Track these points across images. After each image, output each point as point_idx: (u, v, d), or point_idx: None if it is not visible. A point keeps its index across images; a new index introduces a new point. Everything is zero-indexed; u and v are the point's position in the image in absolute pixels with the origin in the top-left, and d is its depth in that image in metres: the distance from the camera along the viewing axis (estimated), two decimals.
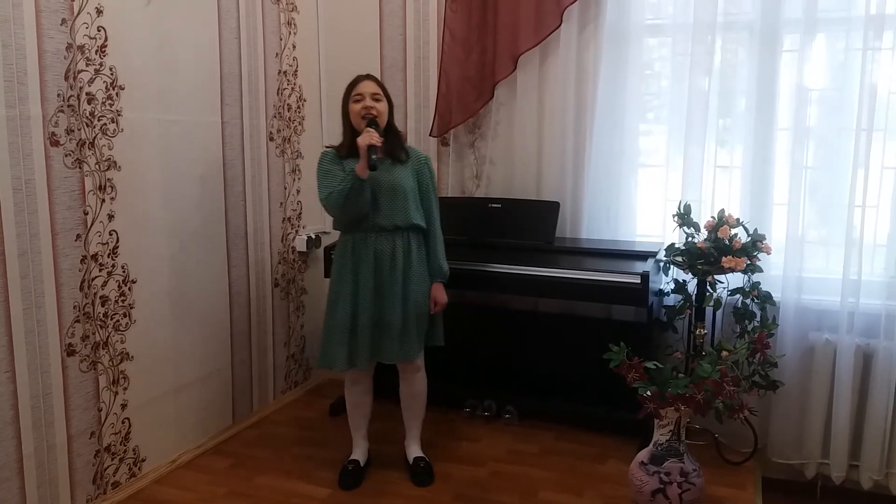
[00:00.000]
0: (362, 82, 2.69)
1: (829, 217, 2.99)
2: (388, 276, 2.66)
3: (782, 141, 3.01)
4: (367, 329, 2.65)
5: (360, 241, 2.67)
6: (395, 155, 2.70)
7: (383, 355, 2.69)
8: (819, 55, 2.96)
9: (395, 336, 2.66)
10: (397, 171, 2.69)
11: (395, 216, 2.66)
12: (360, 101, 2.65)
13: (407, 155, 2.74)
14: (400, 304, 2.66)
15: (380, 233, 2.66)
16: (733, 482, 2.79)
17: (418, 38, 3.58)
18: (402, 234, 2.68)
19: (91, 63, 2.47)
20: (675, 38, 3.18)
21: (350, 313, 2.66)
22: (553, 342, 3.33)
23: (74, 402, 2.50)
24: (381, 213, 2.65)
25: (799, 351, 2.99)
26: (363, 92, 2.66)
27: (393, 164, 2.69)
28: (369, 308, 2.65)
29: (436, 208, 2.79)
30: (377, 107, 2.65)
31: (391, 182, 2.66)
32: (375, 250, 2.66)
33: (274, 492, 2.73)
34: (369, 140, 2.50)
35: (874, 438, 2.90)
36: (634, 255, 3.04)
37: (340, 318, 2.67)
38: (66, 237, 2.43)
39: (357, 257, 2.67)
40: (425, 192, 2.76)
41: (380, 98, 2.68)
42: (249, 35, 3.26)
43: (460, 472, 2.87)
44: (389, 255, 2.66)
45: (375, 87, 2.68)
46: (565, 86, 3.27)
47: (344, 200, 2.57)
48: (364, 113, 2.63)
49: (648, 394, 2.41)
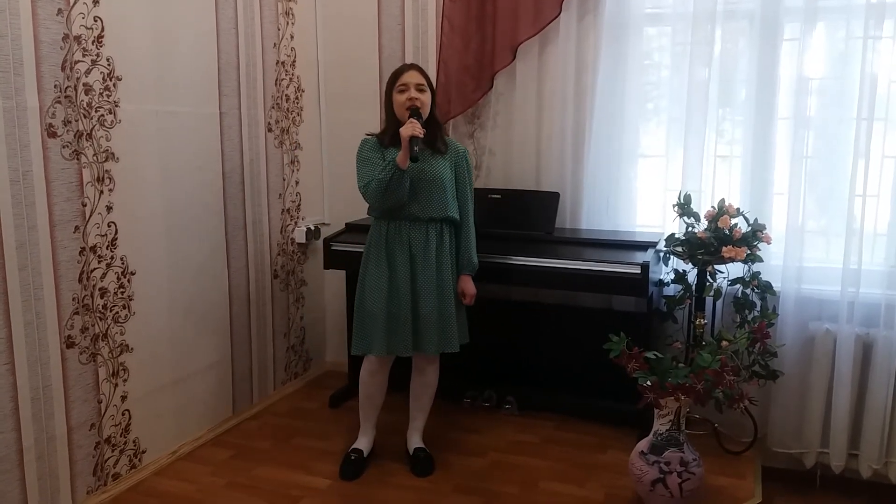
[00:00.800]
0: (407, 72, 2.67)
1: (830, 207, 2.99)
2: (421, 266, 2.66)
3: (782, 130, 3.00)
4: (408, 320, 2.65)
5: (394, 230, 2.68)
6: (436, 146, 2.70)
7: (423, 346, 2.68)
8: (819, 44, 2.94)
9: (434, 328, 2.66)
10: (437, 163, 2.69)
11: (432, 207, 2.66)
12: (404, 92, 2.64)
13: (446, 147, 2.74)
14: (434, 295, 2.66)
15: (414, 223, 2.66)
16: (733, 471, 2.80)
17: (417, 28, 3.56)
18: (436, 225, 2.68)
19: (88, 53, 2.46)
20: (675, 27, 3.16)
21: (386, 302, 2.65)
22: (553, 332, 3.33)
23: (74, 394, 2.50)
24: (418, 204, 2.65)
25: (799, 341, 2.99)
26: (408, 82, 2.65)
27: (433, 156, 2.69)
28: (408, 299, 2.65)
29: (471, 201, 2.81)
30: (421, 98, 2.64)
31: (430, 173, 2.66)
32: (410, 240, 2.66)
33: (274, 483, 2.73)
34: (412, 131, 2.50)
35: (873, 428, 2.91)
36: (634, 246, 3.03)
37: (377, 306, 2.65)
38: (64, 229, 2.42)
39: (392, 246, 2.67)
40: (462, 184, 2.77)
41: (424, 89, 2.67)
42: (247, 25, 3.24)
43: (461, 462, 2.87)
44: (423, 246, 2.66)
45: (420, 78, 2.67)
46: (565, 76, 3.26)
47: (384, 190, 2.56)
48: (408, 104, 2.61)
49: (648, 384, 2.41)
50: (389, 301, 2.66)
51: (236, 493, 2.66)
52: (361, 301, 2.71)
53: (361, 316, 2.71)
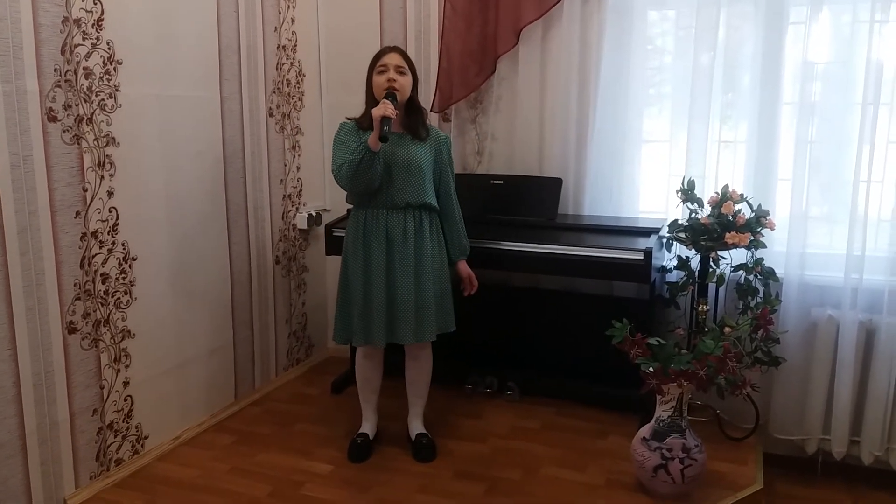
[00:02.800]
0: (388, 54, 2.65)
1: (834, 192, 2.97)
2: (399, 254, 2.64)
3: (787, 116, 2.98)
4: (382, 307, 2.63)
5: (371, 218, 2.66)
6: (416, 131, 2.68)
7: (398, 335, 2.67)
8: (825, 28, 2.91)
9: (411, 317, 2.64)
10: (415, 148, 2.66)
11: (409, 193, 2.63)
12: (384, 73, 2.62)
13: (427, 133, 2.71)
14: (413, 282, 2.64)
15: (392, 209, 2.64)
16: (735, 458, 2.79)
17: (419, 11, 3.53)
18: (414, 212, 2.66)
19: (88, 37, 2.43)
20: (680, 11, 3.14)
21: (363, 290, 2.65)
22: (555, 318, 3.32)
23: (76, 380, 2.50)
24: (394, 189, 2.63)
25: (802, 327, 2.99)
26: (388, 63, 2.62)
27: (412, 141, 2.67)
28: (383, 286, 2.63)
29: (453, 188, 2.79)
30: (400, 80, 2.61)
31: (407, 158, 2.63)
32: (387, 227, 2.64)
33: (277, 468, 2.74)
34: (383, 111, 2.47)
35: (875, 414, 2.91)
36: (637, 232, 3.02)
37: (354, 295, 2.66)
38: (65, 214, 2.41)
39: (368, 233, 2.66)
40: (443, 171, 2.75)
41: (404, 72, 2.64)
42: (248, 8, 3.21)
43: (462, 448, 2.87)
44: (401, 233, 2.64)
45: (400, 60, 2.65)
46: (568, 60, 3.23)
47: (354, 172, 2.53)
48: (387, 85, 2.59)
49: (651, 370, 2.41)
50: (366, 290, 2.65)
51: (239, 479, 2.67)
52: (341, 290, 2.72)
53: (341, 305, 2.73)
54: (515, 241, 3.02)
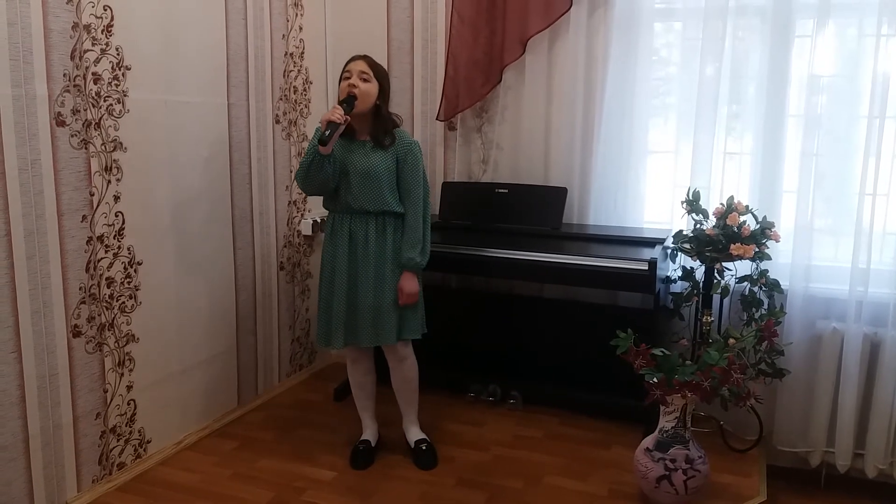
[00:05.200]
0: (354, 61, 2.68)
1: (839, 205, 2.97)
2: (360, 259, 2.68)
3: (792, 128, 2.98)
4: (342, 310, 2.68)
5: (339, 222, 2.71)
6: (378, 139, 2.68)
7: (359, 338, 2.70)
8: (831, 41, 2.92)
9: (370, 320, 2.67)
10: (375, 156, 2.67)
11: (366, 200, 2.66)
12: (347, 79, 2.65)
13: (392, 140, 2.70)
14: (372, 288, 2.66)
15: (354, 215, 2.69)
16: (738, 469, 2.79)
17: (426, 20, 3.55)
18: (375, 218, 2.68)
19: (97, 42, 2.45)
20: (686, 22, 3.15)
21: (328, 292, 2.72)
22: (558, 328, 3.32)
23: (80, 384, 2.51)
24: (352, 196, 2.66)
25: (806, 339, 2.98)
26: (351, 69, 2.65)
27: (374, 149, 2.68)
28: (344, 289, 2.68)
29: (415, 195, 2.69)
30: (361, 86, 2.62)
31: (365, 166, 2.65)
32: (350, 232, 2.69)
33: (278, 474, 2.74)
34: (329, 116, 2.51)
35: (880, 427, 2.90)
36: (642, 242, 3.02)
37: (324, 298, 2.73)
38: (72, 218, 2.42)
39: (335, 237, 2.71)
40: (404, 177, 2.70)
41: (368, 78, 2.65)
42: (256, 16, 3.23)
43: (464, 456, 2.87)
44: (363, 239, 2.67)
45: (365, 67, 2.66)
46: (574, 70, 3.24)
47: (305, 173, 2.61)
48: (348, 90, 2.61)
49: (655, 380, 2.40)
50: (329, 292, 2.71)
51: (240, 484, 2.67)
52: (319, 294, 2.77)
53: (319, 308, 2.77)
54: (520, 249, 3.02)
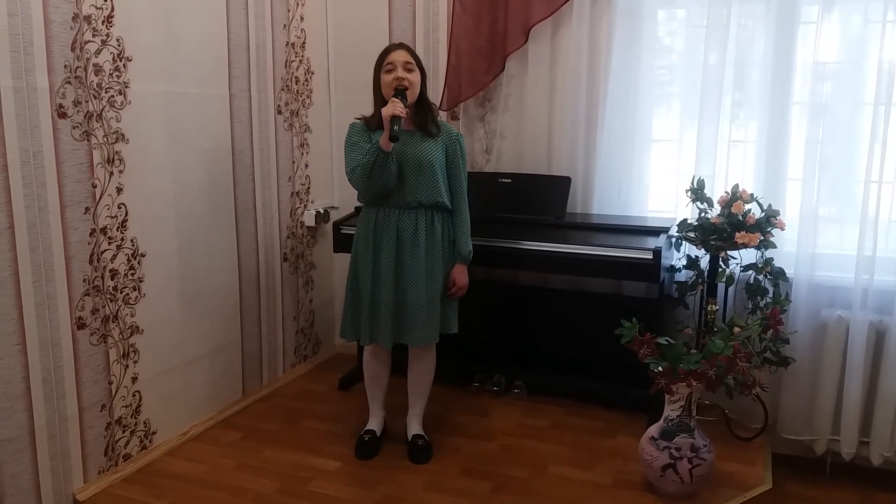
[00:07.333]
0: (395, 51, 2.61)
1: (844, 193, 2.96)
2: (409, 254, 2.61)
3: (797, 115, 2.97)
4: (390, 308, 2.61)
5: (383, 217, 2.63)
6: (426, 128, 2.64)
7: (406, 337, 2.65)
8: (836, 28, 2.89)
9: (420, 318, 2.61)
10: (426, 146, 2.62)
11: (420, 192, 2.60)
12: (391, 72, 2.58)
13: (438, 129, 2.67)
14: (424, 284, 2.61)
15: (404, 209, 2.61)
16: (743, 458, 2.79)
17: (428, 9, 3.53)
18: (425, 211, 2.63)
19: (98, 34, 2.44)
20: (690, 9, 3.13)
21: (371, 290, 2.64)
22: (563, 317, 3.32)
23: (85, 375, 2.51)
24: (406, 188, 2.59)
25: (811, 327, 2.98)
26: (395, 61, 2.59)
27: (423, 139, 2.63)
28: (392, 286, 2.61)
29: (464, 187, 2.72)
30: (409, 77, 2.57)
31: (418, 156, 2.59)
32: (399, 227, 2.61)
33: (284, 464, 2.74)
34: (392, 110, 2.44)
35: (885, 415, 2.90)
36: (646, 231, 3.01)
37: (363, 294, 2.65)
38: (74, 210, 2.42)
39: (379, 233, 2.63)
40: (454, 169, 2.69)
41: (412, 68, 2.60)
42: (257, 5, 3.21)
43: (469, 446, 2.87)
44: (412, 233, 2.61)
45: (408, 57, 2.61)
46: (578, 58, 3.22)
47: (368, 174, 2.51)
48: (396, 84, 2.56)
49: (660, 369, 2.40)
50: (374, 289, 2.64)
51: (246, 475, 2.67)
52: (349, 287, 2.71)
53: (349, 303, 2.71)
54: (524, 239, 3.02)
